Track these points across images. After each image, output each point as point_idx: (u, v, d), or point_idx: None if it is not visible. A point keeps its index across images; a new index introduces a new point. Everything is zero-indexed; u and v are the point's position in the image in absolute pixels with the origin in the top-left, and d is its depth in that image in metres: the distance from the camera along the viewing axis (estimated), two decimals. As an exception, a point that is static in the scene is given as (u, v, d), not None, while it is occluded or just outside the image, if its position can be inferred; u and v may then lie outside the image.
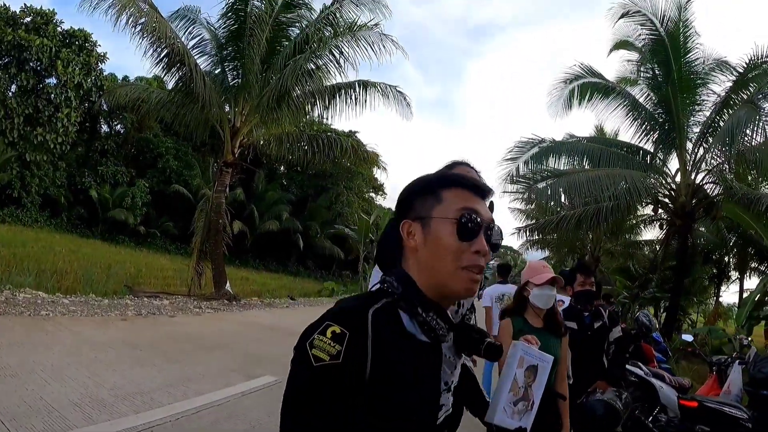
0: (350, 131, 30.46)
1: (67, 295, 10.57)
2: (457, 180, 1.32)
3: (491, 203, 2.26)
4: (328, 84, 15.11)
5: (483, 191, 1.32)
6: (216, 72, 15.28)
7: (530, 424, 1.87)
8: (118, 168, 29.80)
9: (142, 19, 12.90)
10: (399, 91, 14.89)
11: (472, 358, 2.22)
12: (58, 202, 27.68)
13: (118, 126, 32.18)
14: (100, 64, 27.68)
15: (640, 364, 6.37)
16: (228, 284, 14.82)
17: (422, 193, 1.31)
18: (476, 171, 2.28)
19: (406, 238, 1.29)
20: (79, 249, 19.24)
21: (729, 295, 33.29)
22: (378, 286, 1.37)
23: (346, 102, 14.97)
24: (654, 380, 6.02)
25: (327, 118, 16.71)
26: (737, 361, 5.86)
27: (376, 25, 14.36)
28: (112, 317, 9.52)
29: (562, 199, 15.91)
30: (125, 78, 30.21)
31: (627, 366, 6.34)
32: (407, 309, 1.25)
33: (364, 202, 39.02)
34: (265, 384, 6.61)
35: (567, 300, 4.94)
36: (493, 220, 1.31)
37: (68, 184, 28.19)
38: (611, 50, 16.35)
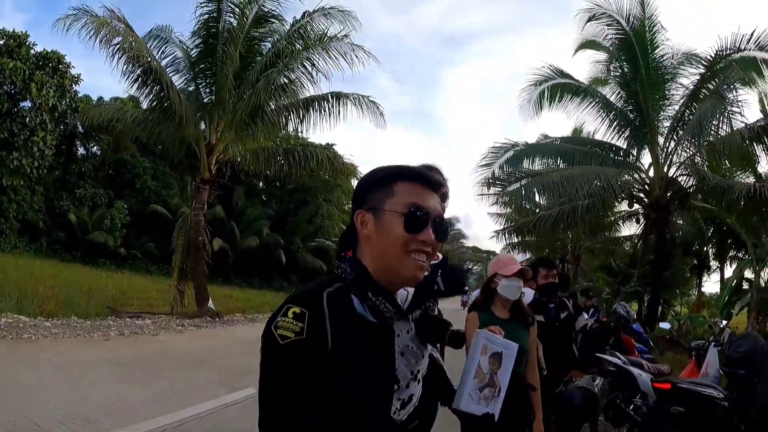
0: (327, 144, 30.50)
1: (49, 319, 10.49)
2: (408, 174, 1.41)
3: (445, 194, 2.34)
4: (302, 97, 15.15)
5: (434, 185, 1.42)
6: (189, 90, 15.28)
7: (498, 410, 1.93)
8: (96, 190, 29.53)
9: (117, 39, 12.88)
10: (372, 101, 14.95)
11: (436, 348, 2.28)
12: (37, 226, 27.31)
13: (95, 148, 31.92)
14: (74, 85, 27.32)
15: (617, 353, 6.44)
16: (210, 301, 14.75)
17: (376, 185, 1.41)
18: (443, 176, 2.34)
19: (359, 227, 1.40)
20: (59, 273, 19.04)
21: (711, 284, 33.61)
22: None
23: (320, 114, 14.99)
24: (632, 368, 6.08)
25: (302, 132, 16.80)
26: (713, 344, 5.95)
27: (345, 36, 14.50)
28: (95, 338, 9.47)
29: (537, 199, 16.09)
30: (100, 99, 30.03)
31: (605, 356, 6.44)
32: (358, 293, 1.35)
33: (344, 214, 38.90)
34: (249, 395, 6.60)
35: (530, 293, 5.04)
36: (441, 214, 1.41)
37: (46, 208, 27.83)
38: (577, 50, 16.58)
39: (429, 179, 1.42)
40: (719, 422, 4.01)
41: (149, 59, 13.37)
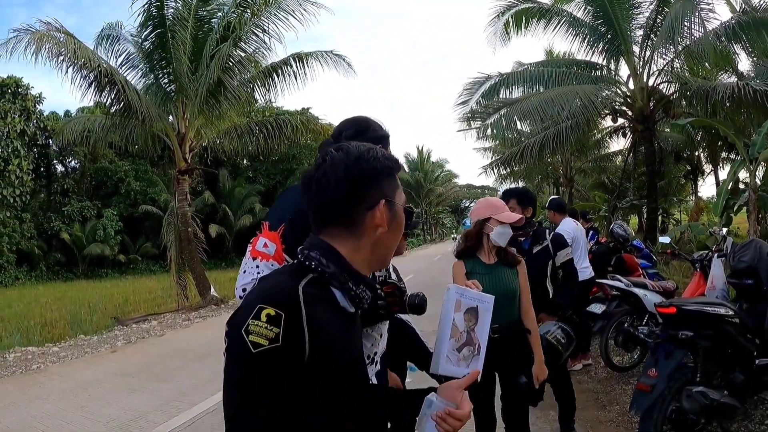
0: (303, 108, 30.14)
1: (57, 343, 10.36)
2: (399, 167, 1.35)
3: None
4: (263, 67, 14.79)
5: None
6: (149, 83, 14.80)
7: (480, 369, 1.79)
8: (82, 204, 29.43)
9: (62, 50, 12.43)
10: (336, 54, 14.55)
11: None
12: (33, 253, 27.41)
13: (72, 162, 31.65)
14: (38, 105, 27.20)
15: (618, 276, 6.31)
16: (213, 289, 14.68)
17: (387, 174, 1.29)
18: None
19: (379, 216, 1.25)
20: (64, 294, 19.15)
21: (708, 188, 33.55)
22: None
23: (285, 79, 14.68)
24: (636, 290, 5.94)
25: (271, 101, 16.50)
26: (716, 255, 5.69)
27: None
28: (101, 352, 9.34)
29: (519, 127, 15.89)
30: (67, 113, 29.49)
31: (606, 281, 6.32)
32: (339, 285, 1.24)
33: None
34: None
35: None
36: None
37: (38, 233, 27.92)
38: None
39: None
40: (732, 340, 3.82)
41: (97, 63, 12.89)
